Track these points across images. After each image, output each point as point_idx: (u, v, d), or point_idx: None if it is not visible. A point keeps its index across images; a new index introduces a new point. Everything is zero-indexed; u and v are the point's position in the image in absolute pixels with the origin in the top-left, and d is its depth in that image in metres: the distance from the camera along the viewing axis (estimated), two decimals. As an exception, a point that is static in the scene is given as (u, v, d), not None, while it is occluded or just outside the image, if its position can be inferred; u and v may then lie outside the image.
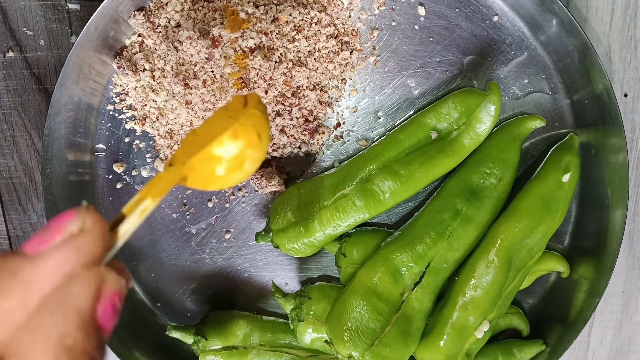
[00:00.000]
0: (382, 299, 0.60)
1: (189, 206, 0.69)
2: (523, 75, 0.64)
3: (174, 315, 0.72)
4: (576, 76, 0.62)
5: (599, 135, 0.63)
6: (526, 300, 0.69)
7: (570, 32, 0.60)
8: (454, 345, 0.60)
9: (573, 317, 0.64)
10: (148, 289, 0.71)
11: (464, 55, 0.64)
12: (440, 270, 0.61)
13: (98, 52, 0.63)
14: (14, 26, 0.69)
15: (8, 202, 0.74)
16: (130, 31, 0.64)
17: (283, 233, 0.63)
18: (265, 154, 0.45)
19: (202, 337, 0.66)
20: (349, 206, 0.61)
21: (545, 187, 0.61)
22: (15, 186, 0.73)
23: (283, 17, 0.60)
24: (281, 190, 0.66)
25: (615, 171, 0.61)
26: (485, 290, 0.59)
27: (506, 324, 0.67)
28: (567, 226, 0.67)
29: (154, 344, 0.71)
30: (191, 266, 0.70)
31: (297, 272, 0.70)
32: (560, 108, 0.64)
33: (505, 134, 0.63)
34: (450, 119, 0.62)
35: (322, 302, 0.64)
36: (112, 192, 0.69)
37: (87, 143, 0.67)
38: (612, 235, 0.62)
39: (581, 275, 0.65)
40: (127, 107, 0.67)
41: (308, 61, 0.62)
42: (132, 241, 0.70)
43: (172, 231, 0.70)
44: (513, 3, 0.62)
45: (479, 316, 0.60)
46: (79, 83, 0.64)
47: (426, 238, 0.60)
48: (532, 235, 0.60)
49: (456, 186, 0.62)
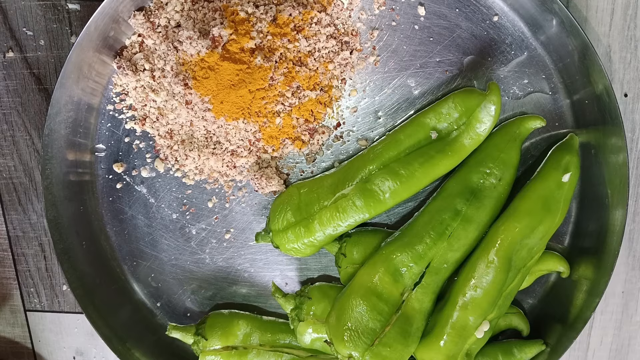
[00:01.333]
0: (382, 299, 0.60)
1: (189, 206, 0.69)
2: (523, 75, 0.64)
3: (173, 315, 0.72)
4: (576, 76, 0.62)
5: (599, 135, 0.63)
6: (526, 300, 0.69)
7: (571, 32, 0.60)
8: (454, 345, 0.60)
9: (573, 317, 0.64)
10: (148, 289, 0.71)
11: (464, 55, 0.64)
12: (440, 270, 0.61)
13: (98, 52, 0.63)
14: (14, 26, 0.69)
15: (8, 202, 0.74)
16: (130, 31, 0.64)
17: (283, 233, 0.63)
18: None
19: (202, 337, 0.66)
20: (349, 206, 0.61)
21: (546, 187, 0.61)
22: (15, 186, 0.73)
23: (283, 17, 0.60)
24: (281, 190, 0.66)
25: (615, 171, 0.61)
26: (485, 290, 0.59)
27: (506, 324, 0.67)
28: (567, 226, 0.67)
29: (153, 344, 0.71)
30: (191, 266, 0.70)
31: (297, 272, 0.70)
32: (560, 108, 0.64)
33: (505, 134, 0.63)
34: (450, 119, 0.62)
35: (322, 302, 0.64)
36: (112, 192, 0.69)
37: (87, 143, 0.67)
38: (612, 235, 0.62)
39: (581, 275, 0.65)
40: (127, 107, 0.67)
41: (308, 61, 0.62)
42: (132, 241, 0.70)
43: (172, 231, 0.70)
44: (513, 3, 0.62)
45: (479, 316, 0.60)
46: (79, 83, 0.64)
47: (426, 238, 0.60)
48: (532, 235, 0.60)
49: (456, 186, 0.62)
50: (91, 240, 0.69)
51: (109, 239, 0.70)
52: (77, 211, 0.68)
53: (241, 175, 0.67)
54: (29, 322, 0.78)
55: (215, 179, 0.68)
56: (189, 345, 0.69)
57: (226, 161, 0.66)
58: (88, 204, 0.69)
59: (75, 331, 0.77)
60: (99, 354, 0.68)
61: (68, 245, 0.67)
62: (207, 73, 0.60)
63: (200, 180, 0.68)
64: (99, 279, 0.69)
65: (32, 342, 0.78)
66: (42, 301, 0.77)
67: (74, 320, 0.67)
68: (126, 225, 0.70)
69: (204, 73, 0.60)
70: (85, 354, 0.78)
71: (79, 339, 0.77)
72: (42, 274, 0.76)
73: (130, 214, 0.69)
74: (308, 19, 0.61)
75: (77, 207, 0.68)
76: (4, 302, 0.77)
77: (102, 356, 0.68)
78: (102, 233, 0.70)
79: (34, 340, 0.78)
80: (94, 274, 0.69)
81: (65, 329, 0.77)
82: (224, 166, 0.66)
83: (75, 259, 0.68)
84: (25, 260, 0.76)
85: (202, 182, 0.68)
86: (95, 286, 0.69)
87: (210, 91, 0.60)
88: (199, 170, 0.67)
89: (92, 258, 0.69)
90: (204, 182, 0.68)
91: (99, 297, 0.69)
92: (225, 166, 0.66)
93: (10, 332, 0.78)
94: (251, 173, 0.66)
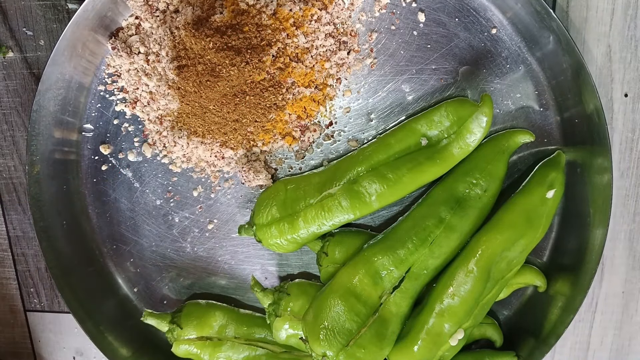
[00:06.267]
0: (361, 301, 0.60)
1: (174, 194, 0.68)
2: (516, 89, 0.65)
3: (150, 301, 0.71)
4: (568, 94, 0.63)
5: (586, 154, 0.63)
6: (502, 312, 0.69)
7: (567, 50, 0.60)
8: (428, 351, 0.60)
9: (547, 331, 0.65)
10: (126, 273, 0.71)
11: (460, 65, 0.65)
12: (419, 276, 0.61)
13: (94, 31, 0.62)
14: (14, 26, 0.68)
15: (8, 202, 0.73)
16: (127, 12, 0.63)
17: (267, 228, 0.63)
18: None
19: (178, 325, 0.66)
20: (334, 206, 0.61)
21: (529, 202, 0.62)
22: (15, 186, 0.73)
23: (283, 11, 0.60)
24: (268, 185, 0.66)
25: (599, 191, 0.62)
26: (462, 298, 0.60)
27: (480, 333, 0.67)
28: (548, 242, 0.67)
29: (128, 329, 0.70)
30: (171, 254, 0.70)
31: (278, 267, 0.70)
32: (550, 124, 0.65)
33: (494, 146, 0.63)
34: (441, 127, 0.62)
35: (300, 299, 0.64)
36: (97, 173, 0.68)
37: (75, 122, 0.67)
38: (590, 253, 0.63)
39: (557, 291, 0.66)
40: (119, 89, 0.66)
41: (305, 58, 0.62)
42: (113, 224, 0.69)
43: (155, 217, 0.69)
44: (512, 17, 0.63)
45: (454, 324, 0.60)
46: (71, 61, 0.63)
47: (408, 243, 0.61)
48: (512, 248, 0.61)
49: (442, 194, 0.62)
50: (72, 220, 0.68)
51: (90, 220, 0.69)
52: (59, 190, 0.67)
53: (229, 167, 0.66)
54: (29, 322, 0.77)
55: (202, 168, 0.67)
56: (163, 333, 0.69)
57: (215, 151, 0.65)
58: (71, 183, 0.68)
59: (75, 331, 0.76)
60: (99, 353, 0.67)
61: (48, 223, 0.66)
62: (201, 60, 0.59)
63: (187, 169, 0.68)
64: (77, 260, 0.69)
65: (32, 342, 0.78)
66: (42, 301, 0.76)
67: (73, 320, 0.67)
68: (108, 208, 0.69)
69: (198, 61, 0.59)
70: (85, 354, 0.77)
71: (79, 339, 0.77)
72: (42, 274, 0.75)
73: (114, 197, 0.69)
74: (308, 16, 0.61)
75: (60, 185, 0.67)
76: (4, 302, 0.76)
77: (102, 356, 0.68)
78: (84, 214, 0.69)
79: (34, 340, 0.78)
80: (72, 255, 0.68)
81: (65, 329, 0.77)
82: (213, 156, 0.66)
83: (54, 238, 0.67)
84: (25, 260, 0.75)
85: (188, 170, 0.68)
86: (73, 267, 0.68)
87: (202, 78, 0.60)
88: (186, 159, 0.67)
89: (72, 238, 0.68)
90: (190, 171, 0.68)
91: (76, 278, 0.68)
92: (214, 156, 0.66)
93: (10, 332, 0.78)
94: (239, 165, 0.66)
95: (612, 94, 0.67)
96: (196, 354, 0.66)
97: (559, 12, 0.65)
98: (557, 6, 0.65)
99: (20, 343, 0.78)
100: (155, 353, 0.71)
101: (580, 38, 0.66)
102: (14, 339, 0.78)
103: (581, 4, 0.65)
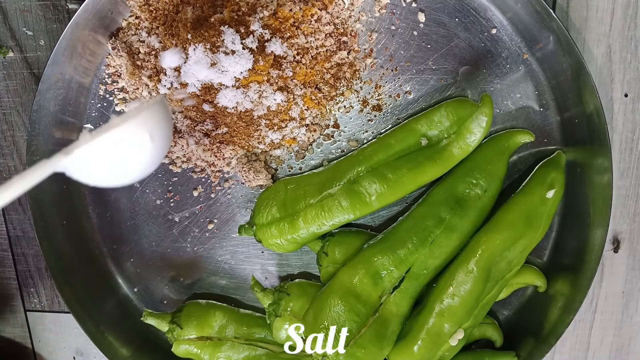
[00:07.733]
0: (361, 301, 0.60)
1: (174, 193, 0.68)
2: (516, 89, 0.65)
3: (150, 301, 0.71)
4: (568, 94, 0.63)
5: (586, 154, 0.63)
6: (502, 312, 0.69)
7: (567, 50, 0.60)
8: (428, 351, 0.60)
9: (546, 331, 0.65)
10: (126, 273, 0.71)
11: (460, 65, 0.65)
12: (419, 276, 0.61)
13: (94, 31, 0.62)
14: (14, 26, 0.68)
15: None
16: (127, 12, 0.63)
17: (267, 228, 0.63)
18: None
19: (178, 325, 0.66)
20: (334, 206, 0.61)
21: (529, 202, 0.62)
22: None
23: (284, 11, 0.60)
24: (268, 185, 0.66)
25: (599, 191, 0.62)
26: (462, 298, 0.60)
27: (480, 333, 0.67)
28: (548, 242, 0.67)
29: (128, 329, 0.70)
30: (171, 254, 0.70)
31: (278, 267, 0.70)
32: (550, 124, 0.65)
33: (494, 146, 0.63)
34: (441, 127, 0.62)
35: (300, 299, 0.64)
36: (97, 173, 0.68)
37: (75, 122, 0.67)
38: (590, 253, 0.63)
39: (557, 291, 0.66)
40: (119, 89, 0.66)
41: (305, 58, 0.62)
42: (113, 224, 0.69)
43: (155, 217, 0.69)
44: (512, 17, 0.63)
45: (454, 324, 0.60)
46: (71, 61, 0.63)
47: (408, 243, 0.61)
48: (512, 248, 0.61)
49: (442, 194, 0.62)
50: (72, 220, 0.68)
51: (91, 220, 0.69)
52: (60, 190, 0.67)
53: (229, 167, 0.67)
54: (29, 322, 0.77)
55: (202, 168, 0.67)
56: (163, 333, 0.69)
57: (214, 151, 0.65)
58: (71, 183, 0.68)
59: (75, 331, 0.76)
60: (99, 353, 0.67)
61: (48, 223, 0.66)
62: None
63: (187, 169, 0.68)
64: (77, 260, 0.69)
65: (32, 342, 0.78)
66: (42, 301, 0.76)
67: (74, 320, 0.67)
68: (109, 208, 0.69)
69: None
70: (85, 354, 0.77)
71: (79, 339, 0.77)
72: (42, 274, 0.75)
73: (114, 197, 0.69)
74: (308, 16, 0.61)
75: (61, 185, 0.67)
76: (4, 302, 0.76)
77: (102, 356, 0.68)
78: (84, 214, 0.69)
79: (34, 340, 0.78)
80: (72, 254, 0.68)
81: (65, 329, 0.77)
82: (212, 156, 0.66)
83: (54, 238, 0.67)
84: (25, 260, 0.75)
85: (188, 170, 0.68)
86: (73, 266, 0.68)
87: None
88: (186, 158, 0.67)
89: (72, 238, 0.68)
90: (190, 171, 0.68)
91: (76, 278, 0.68)
92: (214, 156, 0.66)
93: (10, 332, 0.78)
94: (239, 165, 0.66)
95: (612, 94, 0.67)
96: (196, 354, 0.66)
97: (559, 12, 0.65)
98: (557, 6, 0.65)
99: (20, 343, 0.78)
100: (155, 353, 0.71)
101: (580, 38, 0.66)
102: (14, 339, 0.78)
103: (581, 4, 0.65)
